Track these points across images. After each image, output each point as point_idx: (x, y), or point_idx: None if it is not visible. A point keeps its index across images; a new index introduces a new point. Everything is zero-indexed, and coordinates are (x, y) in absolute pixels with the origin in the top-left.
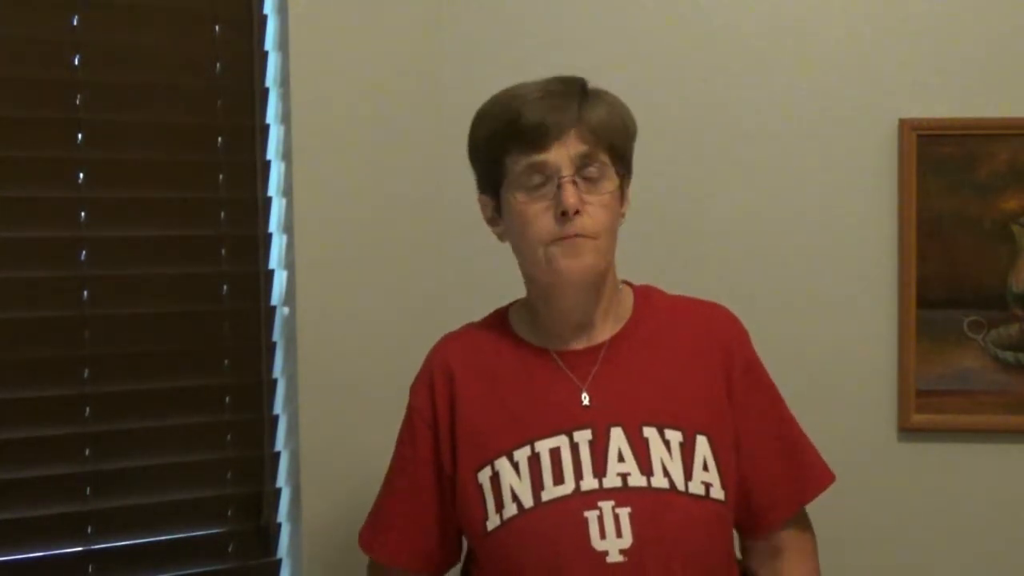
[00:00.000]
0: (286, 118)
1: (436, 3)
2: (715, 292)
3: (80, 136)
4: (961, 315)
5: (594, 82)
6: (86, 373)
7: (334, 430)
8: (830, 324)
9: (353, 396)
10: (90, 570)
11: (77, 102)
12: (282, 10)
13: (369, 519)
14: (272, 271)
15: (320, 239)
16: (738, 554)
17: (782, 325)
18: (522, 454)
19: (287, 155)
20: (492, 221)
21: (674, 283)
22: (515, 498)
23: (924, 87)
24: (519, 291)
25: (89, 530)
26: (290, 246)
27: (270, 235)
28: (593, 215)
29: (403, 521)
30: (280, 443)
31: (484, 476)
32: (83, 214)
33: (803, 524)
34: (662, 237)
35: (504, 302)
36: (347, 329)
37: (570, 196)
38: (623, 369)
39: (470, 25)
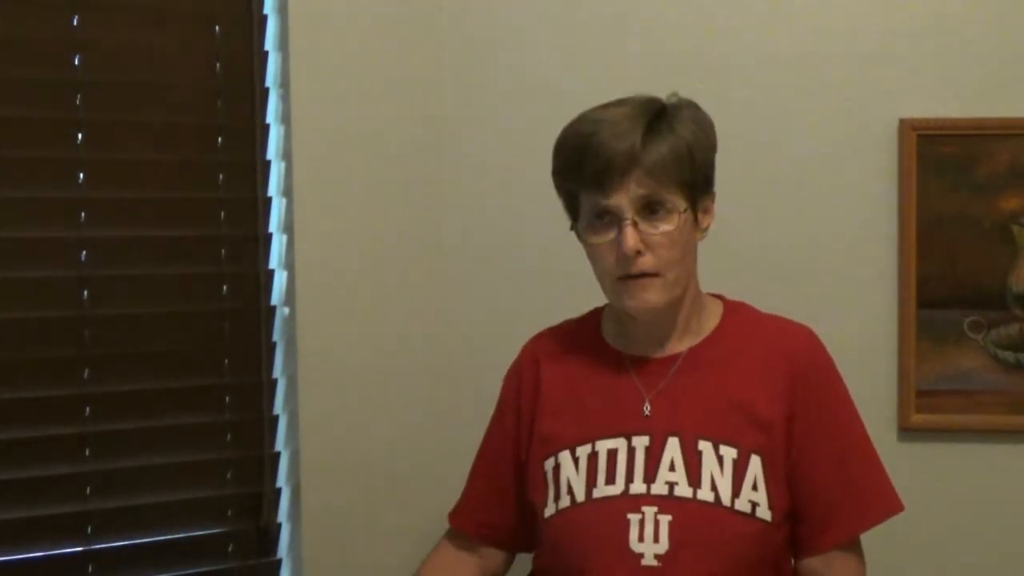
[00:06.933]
0: (286, 118)
1: (436, 4)
2: (714, 291)
3: (80, 136)
4: (961, 315)
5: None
6: (86, 373)
7: (334, 430)
8: (830, 324)
9: (353, 396)
10: (90, 570)
11: (77, 102)
12: (282, 10)
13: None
14: (272, 271)
15: (320, 239)
16: None
17: None
18: (584, 451)
19: (287, 155)
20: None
21: None
22: (570, 491)
23: (924, 87)
24: (519, 292)
25: (89, 530)
26: (290, 246)
27: (270, 235)
28: (657, 252)
29: (479, 495)
30: (280, 443)
31: (549, 465)
32: (83, 214)
33: (853, 551)
34: None
35: (502, 302)
36: (347, 329)
37: (629, 239)
38: (693, 382)
39: (470, 26)
